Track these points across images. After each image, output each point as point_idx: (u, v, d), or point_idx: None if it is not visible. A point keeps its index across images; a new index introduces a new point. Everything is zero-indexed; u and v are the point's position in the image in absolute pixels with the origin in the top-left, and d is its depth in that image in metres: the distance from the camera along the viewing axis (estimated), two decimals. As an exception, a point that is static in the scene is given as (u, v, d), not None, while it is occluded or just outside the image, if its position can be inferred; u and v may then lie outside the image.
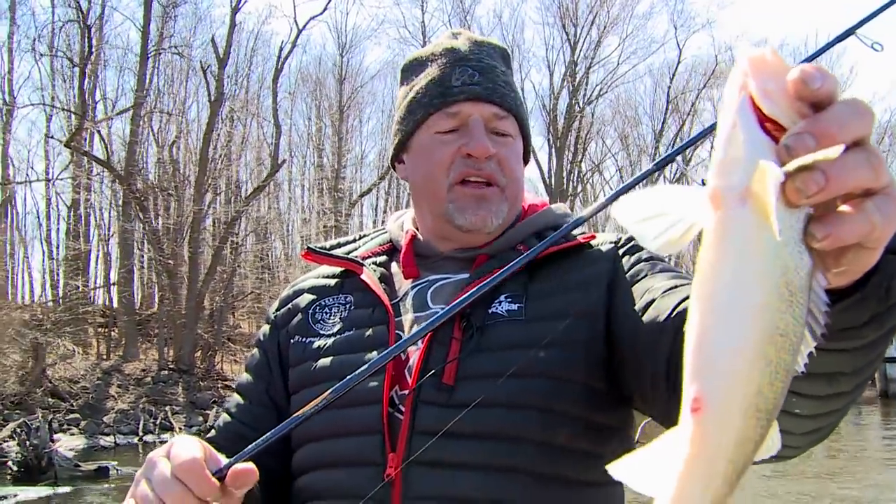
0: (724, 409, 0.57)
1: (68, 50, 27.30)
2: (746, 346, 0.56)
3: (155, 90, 30.87)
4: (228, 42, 26.49)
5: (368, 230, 1.58)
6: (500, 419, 1.17)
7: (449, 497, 1.15)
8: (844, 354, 0.77)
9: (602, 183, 50.33)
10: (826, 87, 0.55)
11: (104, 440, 18.58)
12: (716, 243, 0.57)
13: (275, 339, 1.44)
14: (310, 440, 1.28)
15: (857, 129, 0.55)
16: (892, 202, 0.57)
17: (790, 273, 0.55)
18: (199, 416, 21.65)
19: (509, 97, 1.36)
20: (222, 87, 25.97)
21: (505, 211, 1.34)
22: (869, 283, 0.67)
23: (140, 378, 23.51)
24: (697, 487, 0.59)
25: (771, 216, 0.52)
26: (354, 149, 42.26)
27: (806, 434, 0.90)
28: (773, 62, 0.57)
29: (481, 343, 1.21)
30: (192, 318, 24.96)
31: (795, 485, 12.17)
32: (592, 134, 45.49)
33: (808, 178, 0.53)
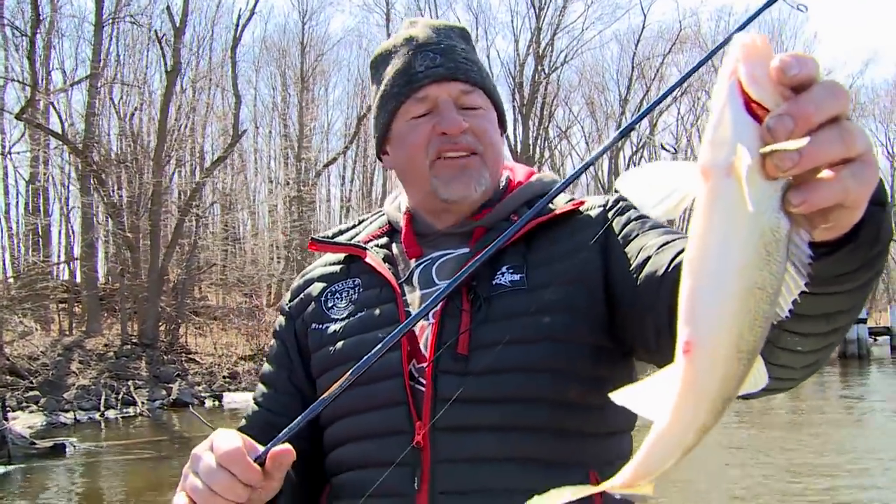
0: (711, 350, 0.67)
1: (15, 18, 26.43)
2: (729, 298, 0.65)
3: (115, 60, 30.30)
4: (185, 11, 25.85)
5: (366, 215, 1.66)
6: (514, 383, 1.25)
7: (475, 458, 1.24)
8: (842, 295, 0.85)
9: (569, 149, 50.44)
10: (803, 73, 0.62)
11: (64, 417, 18.33)
12: (705, 210, 0.66)
13: (291, 329, 1.52)
14: (339, 417, 1.36)
15: (832, 109, 0.62)
16: (867, 168, 0.64)
17: (767, 235, 0.64)
18: (162, 391, 21.51)
19: (473, 72, 1.43)
20: (179, 56, 25.42)
21: (487, 177, 1.41)
22: (860, 233, 0.74)
23: (102, 353, 23.23)
24: (688, 415, 0.70)
25: (744, 194, 0.62)
26: (321, 117, 41.92)
27: (805, 367, 1.00)
28: (762, 50, 0.64)
29: (489, 313, 1.29)
30: (154, 291, 24.67)
31: (757, 441, 12.62)
32: (559, 101, 45.42)
33: (784, 156, 0.61)
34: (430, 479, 1.25)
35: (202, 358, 25.47)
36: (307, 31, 37.92)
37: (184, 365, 24.33)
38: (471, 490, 1.24)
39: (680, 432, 0.71)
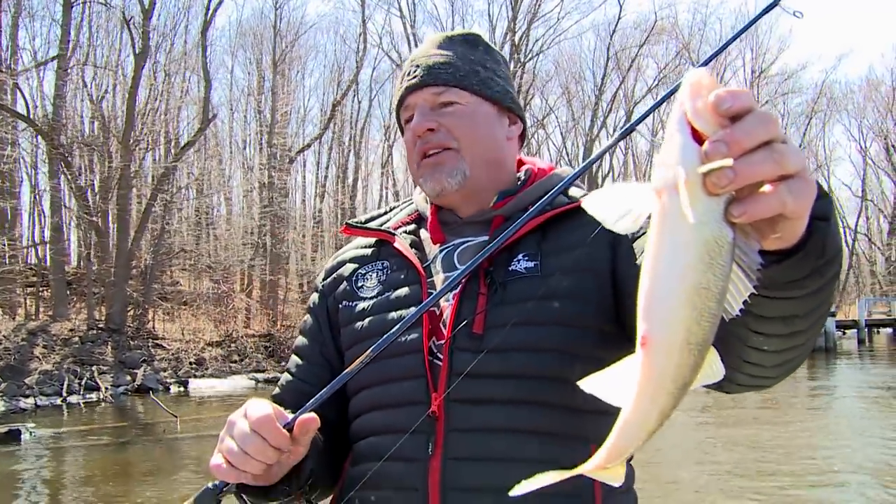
0: (664, 343, 0.76)
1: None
2: (677, 297, 0.74)
3: (87, 42, 29.86)
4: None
5: (397, 203, 1.78)
6: (523, 361, 1.36)
7: (484, 428, 1.35)
8: (794, 300, 0.95)
9: (545, 137, 50.47)
10: (737, 106, 0.71)
11: (24, 402, 18.14)
12: (657, 223, 0.75)
13: (324, 306, 1.64)
14: (363, 387, 1.48)
15: (762, 136, 0.71)
16: (803, 183, 0.74)
17: (710, 244, 0.73)
18: (127, 376, 21.36)
19: (445, 73, 1.54)
20: (148, 39, 25.10)
21: (465, 168, 1.52)
22: (807, 244, 0.85)
23: (67, 338, 22.98)
24: (649, 401, 0.79)
25: (682, 209, 0.71)
26: (297, 103, 41.61)
27: (776, 366, 1.11)
28: (706, 84, 0.73)
29: (504, 297, 1.40)
30: (122, 276, 24.44)
31: (729, 430, 12.80)
32: (535, 90, 45.39)
33: (721, 174, 0.70)
34: (444, 445, 1.36)
35: (169, 343, 25.30)
36: (281, 16, 37.62)
37: (150, 351, 24.14)
38: (479, 457, 1.34)
39: (643, 417, 0.81)
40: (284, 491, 1.32)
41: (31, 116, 24.23)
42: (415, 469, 1.36)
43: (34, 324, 24.14)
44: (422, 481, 1.35)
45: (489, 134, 1.57)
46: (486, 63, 1.60)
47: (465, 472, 1.34)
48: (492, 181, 1.57)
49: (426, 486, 1.35)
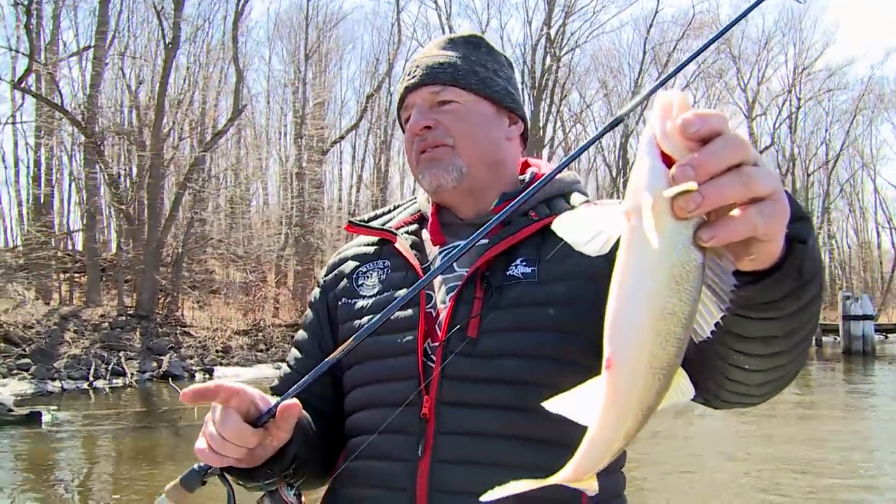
0: (628, 366, 0.76)
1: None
2: (641, 322, 0.74)
3: (127, 33, 30.31)
4: (185, -17, 25.74)
5: (402, 202, 1.78)
6: (516, 366, 1.36)
7: (474, 431, 1.35)
8: (773, 321, 0.94)
9: (583, 132, 50.03)
10: (705, 129, 0.71)
11: (52, 385, 18.50)
12: (625, 246, 0.75)
13: (324, 301, 1.66)
14: (359, 385, 1.50)
15: (730, 159, 0.71)
16: (775, 206, 0.74)
17: (677, 268, 0.72)
18: (153, 363, 21.60)
19: (444, 73, 1.55)
20: (178, 29, 25.36)
21: (461, 166, 1.52)
22: (784, 265, 0.84)
23: (98, 324, 23.39)
24: (613, 422, 0.79)
25: (645, 233, 0.70)
26: (334, 95, 41.81)
27: (759, 385, 1.10)
28: (677, 107, 0.73)
29: (499, 301, 1.40)
30: (151, 263, 24.78)
31: (766, 428, 12.65)
32: (572, 84, 45.01)
33: (688, 198, 0.70)
34: (433, 447, 1.36)
35: (197, 331, 25.59)
36: (317, 7, 37.79)
37: (178, 338, 24.42)
38: (468, 461, 1.35)
39: (608, 437, 0.81)
40: (267, 474, 1.33)
41: (67, 106, 24.55)
42: (404, 469, 1.38)
43: (67, 309, 24.59)
44: (410, 482, 1.37)
45: (486, 133, 1.57)
46: (487, 63, 1.61)
47: (452, 474, 1.35)
48: (491, 181, 1.57)
49: (414, 486, 1.36)
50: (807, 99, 54.84)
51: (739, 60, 52.54)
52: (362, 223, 1.69)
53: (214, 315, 27.56)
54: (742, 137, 0.72)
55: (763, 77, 54.33)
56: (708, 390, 1.15)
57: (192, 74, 31.09)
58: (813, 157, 57.30)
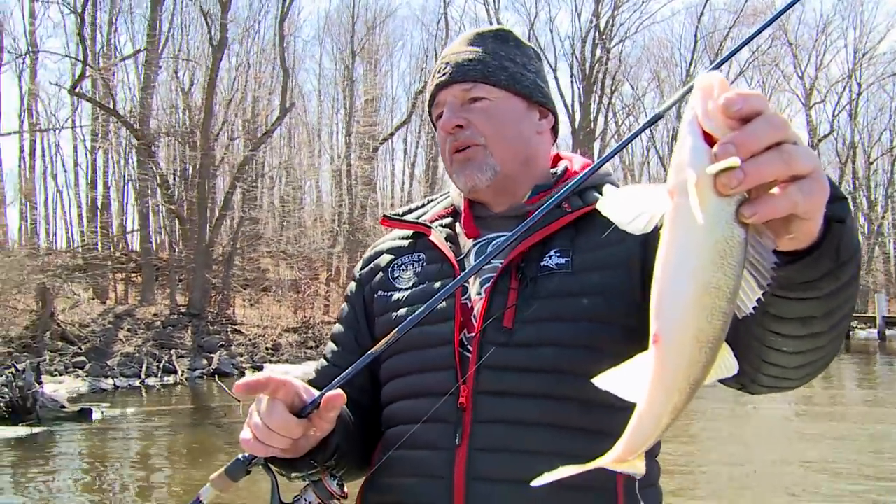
0: (675, 341, 0.78)
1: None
2: (687, 297, 0.76)
3: (180, 36, 30.87)
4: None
5: (435, 196, 1.79)
6: (551, 355, 1.37)
7: (511, 420, 1.37)
8: (810, 302, 0.96)
9: (633, 123, 49.28)
10: (747, 107, 0.73)
11: (105, 383, 18.89)
12: (669, 223, 0.77)
13: (360, 295, 1.67)
14: (396, 376, 1.52)
15: (772, 137, 0.73)
16: (814, 184, 0.76)
17: (721, 243, 0.74)
18: (203, 360, 21.94)
19: (474, 70, 1.55)
20: (226, 31, 25.69)
21: (495, 164, 1.53)
22: (822, 245, 0.87)
23: (150, 322, 23.88)
24: (661, 397, 0.81)
25: (691, 209, 0.72)
26: (385, 91, 41.97)
27: (797, 368, 1.12)
28: (718, 88, 0.75)
29: (535, 292, 1.41)
30: (202, 262, 25.18)
31: (828, 427, 12.46)
32: (623, 76, 44.38)
33: (731, 175, 0.72)
34: (470, 436, 1.38)
35: (248, 329, 25.93)
36: (366, 5, 37.90)
37: (229, 336, 24.78)
38: (504, 449, 1.36)
39: (656, 412, 0.82)
40: (310, 464, 1.35)
41: (120, 108, 25.05)
42: (441, 457, 1.39)
43: (122, 308, 25.19)
44: (447, 470, 1.38)
45: (517, 129, 1.57)
46: (516, 58, 1.61)
47: (489, 462, 1.36)
48: (524, 176, 1.58)
49: (451, 474, 1.37)
50: (868, 84, 53.11)
51: (796, 47, 51.12)
52: (397, 217, 1.70)
53: (265, 313, 27.88)
54: (782, 117, 0.74)
55: (821, 63, 52.76)
56: (745, 374, 1.15)
57: (244, 74, 31.45)
58: (876, 143, 55.50)
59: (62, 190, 34.90)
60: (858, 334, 43.40)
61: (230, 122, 29.39)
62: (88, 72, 23.25)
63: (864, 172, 54.81)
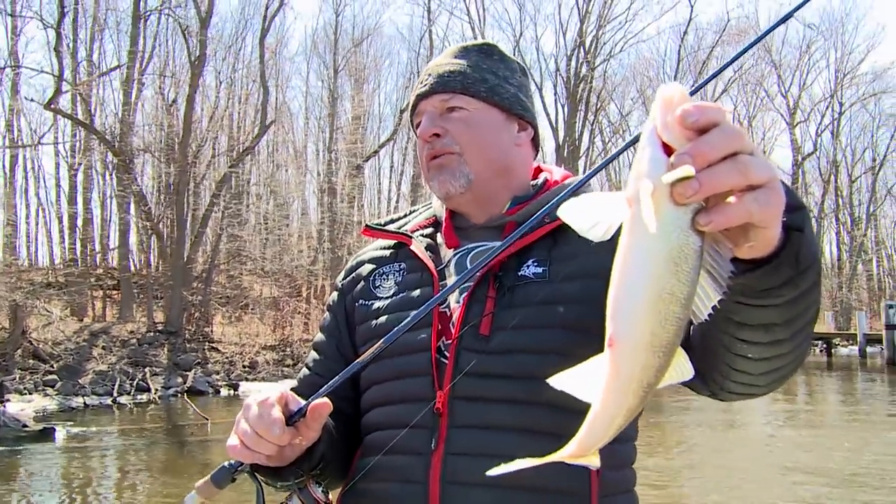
0: (629, 344, 0.80)
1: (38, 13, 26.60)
2: (641, 302, 0.78)
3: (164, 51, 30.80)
4: (211, 0, 26.02)
5: (417, 207, 1.82)
6: (526, 362, 1.39)
7: (486, 425, 1.39)
8: (772, 308, 0.98)
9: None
10: (704, 119, 0.75)
11: (75, 401, 18.61)
12: (627, 230, 0.79)
13: (342, 304, 1.70)
14: (374, 383, 1.54)
15: (727, 148, 0.75)
16: (770, 193, 0.78)
17: (675, 251, 0.76)
18: (178, 378, 21.66)
19: (455, 81, 1.59)
20: (205, 47, 25.62)
21: (468, 172, 1.57)
22: (781, 253, 0.89)
23: (126, 340, 23.63)
24: (616, 399, 0.84)
25: (645, 218, 0.74)
26: (372, 110, 41.99)
27: (763, 374, 1.14)
28: (677, 99, 0.76)
29: (512, 300, 1.44)
30: (180, 280, 24.99)
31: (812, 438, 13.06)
32: (608, 94, 44.55)
33: (686, 185, 0.74)
34: (446, 440, 1.40)
35: (226, 347, 25.67)
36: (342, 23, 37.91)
37: (206, 353, 24.52)
38: (479, 453, 1.37)
39: (610, 413, 0.85)
40: (296, 472, 1.38)
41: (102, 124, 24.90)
42: (418, 462, 1.41)
43: (98, 326, 24.92)
44: (423, 474, 1.40)
45: (494, 139, 1.61)
46: (498, 71, 1.65)
47: (463, 466, 1.38)
48: (501, 186, 1.61)
49: (427, 479, 1.39)
50: (850, 104, 53.49)
51: (780, 66, 51.51)
52: (379, 227, 1.74)
53: (244, 331, 27.64)
54: (738, 128, 0.76)
55: (804, 83, 53.15)
56: (714, 382, 1.20)
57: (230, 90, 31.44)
58: (857, 161, 55.89)
59: (44, 206, 34.68)
60: (841, 351, 43.57)
61: (214, 139, 29.28)
62: (65, 87, 23.06)
63: (846, 191, 55.11)
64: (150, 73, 28.99)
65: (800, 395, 20.05)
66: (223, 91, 31.14)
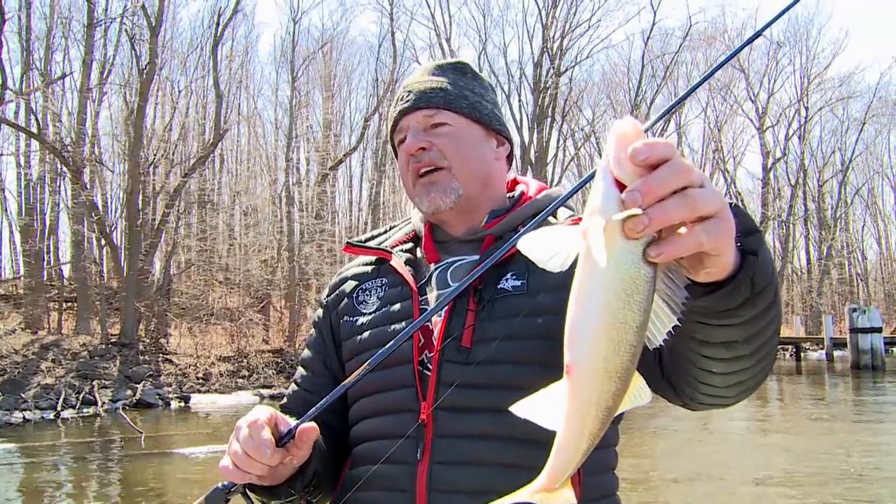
0: (585, 372, 0.84)
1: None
2: (594, 331, 0.82)
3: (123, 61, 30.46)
4: (160, 9, 25.76)
5: (396, 222, 1.85)
6: (508, 372, 1.44)
7: (469, 434, 1.44)
8: (732, 328, 1.04)
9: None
10: (654, 156, 0.78)
11: (14, 416, 18.15)
12: (581, 262, 0.83)
13: (327, 320, 1.74)
14: (361, 396, 1.58)
15: (676, 183, 0.78)
16: (720, 223, 0.82)
17: (627, 282, 0.79)
18: (128, 390, 21.29)
19: (437, 97, 1.64)
20: (154, 55, 25.31)
21: (458, 187, 1.60)
22: (737, 276, 0.94)
23: (77, 352, 23.21)
24: (577, 424, 0.87)
25: (596, 252, 0.78)
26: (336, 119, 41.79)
27: (729, 387, 1.20)
28: (631, 136, 0.80)
29: (491, 313, 1.48)
30: (133, 291, 24.63)
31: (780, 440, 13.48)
32: (576, 101, 44.57)
33: (636, 221, 0.77)
34: (431, 450, 1.44)
35: (180, 358, 25.26)
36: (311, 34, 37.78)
37: (159, 365, 24.14)
38: (464, 462, 1.43)
39: (574, 438, 0.88)
40: (288, 492, 1.43)
41: (46, 134, 24.53)
42: (404, 472, 1.45)
43: (51, 338, 24.47)
44: (410, 483, 1.44)
45: (478, 154, 1.65)
46: (475, 88, 1.70)
47: (448, 475, 1.43)
48: (483, 199, 1.65)
49: (414, 487, 1.43)
50: (817, 108, 53.84)
51: (749, 71, 51.77)
52: (360, 244, 1.77)
53: (201, 342, 27.25)
54: (687, 163, 0.79)
55: (773, 89, 53.43)
56: (685, 393, 1.27)
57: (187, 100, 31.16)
58: (825, 166, 56.19)
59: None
60: (811, 356, 43.71)
61: (174, 149, 28.95)
62: (8, 96, 22.70)
63: (815, 194, 55.40)
64: (110, 82, 28.63)
65: (773, 400, 20.11)
66: (181, 101, 30.77)
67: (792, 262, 55.17)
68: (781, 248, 51.41)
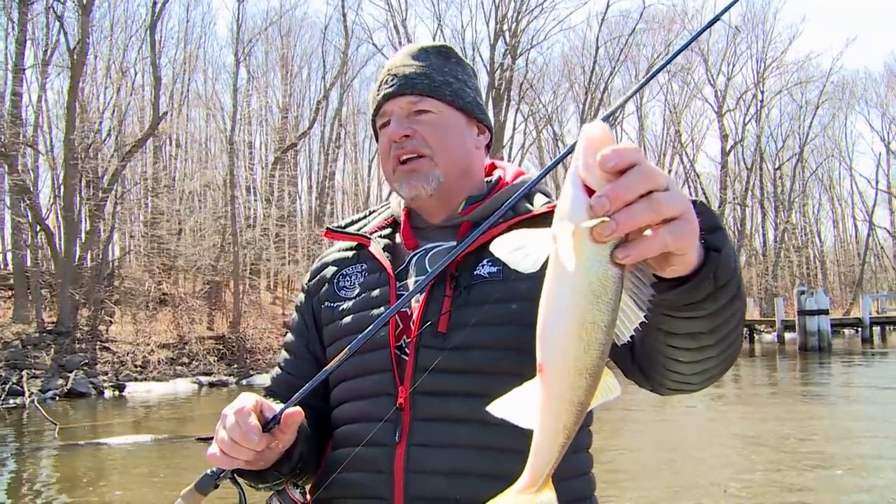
0: (556, 369, 0.86)
1: None
2: (565, 331, 0.84)
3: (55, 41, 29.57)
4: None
5: (376, 207, 1.87)
6: (483, 357, 1.47)
7: (446, 417, 1.47)
8: (696, 320, 1.08)
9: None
10: (622, 162, 0.80)
11: (-67, 408, 17.68)
12: (552, 265, 0.86)
13: (309, 305, 1.78)
14: (342, 380, 1.62)
15: (642, 188, 0.81)
16: (684, 224, 0.85)
17: (595, 284, 0.82)
18: (59, 380, 20.82)
19: (421, 83, 1.64)
20: (86, 35, 24.59)
21: (439, 175, 1.63)
22: (701, 271, 0.98)
23: (9, 342, 22.63)
24: (551, 420, 0.89)
25: (565, 256, 0.80)
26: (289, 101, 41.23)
27: (695, 374, 1.25)
28: (600, 142, 0.82)
29: (468, 299, 1.51)
30: (69, 278, 24.05)
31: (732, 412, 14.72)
32: (531, 83, 44.36)
33: (604, 226, 0.80)
34: (409, 433, 1.48)
35: (119, 346, 24.73)
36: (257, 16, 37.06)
37: (96, 353, 23.63)
38: (440, 444, 1.46)
39: (551, 435, 0.90)
40: (276, 475, 1.45)
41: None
42: (383, 454, 1.48)
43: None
44: (388, 465, 1.47)
45: (460, 142, 1.66)
46: (458, 75, 1.69)
47: (425, 457, 1.46)
48: (462, 187, 1.66)
49: (392, 468, 1.46)
50: (775, 93, 54.17)
51: (708, 55, 51.88)
52: (339, 229, 1.79)
53: (143, 329, 26.71)
54: (653, 168, 0.81)
55: (731, 72, 53.59)
56: (654, 379, 1.32)
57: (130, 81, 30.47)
58: (781, 149, 56.60)
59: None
60: (765, 338, 44.16)
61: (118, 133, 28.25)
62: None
63: (771, 177, 55.85)
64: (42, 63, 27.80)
65: (726, 384, 20.26)
66: (125, 83, 30.01)
67: (750, 244, 55.63)
68: (738, 232, 51.74)
